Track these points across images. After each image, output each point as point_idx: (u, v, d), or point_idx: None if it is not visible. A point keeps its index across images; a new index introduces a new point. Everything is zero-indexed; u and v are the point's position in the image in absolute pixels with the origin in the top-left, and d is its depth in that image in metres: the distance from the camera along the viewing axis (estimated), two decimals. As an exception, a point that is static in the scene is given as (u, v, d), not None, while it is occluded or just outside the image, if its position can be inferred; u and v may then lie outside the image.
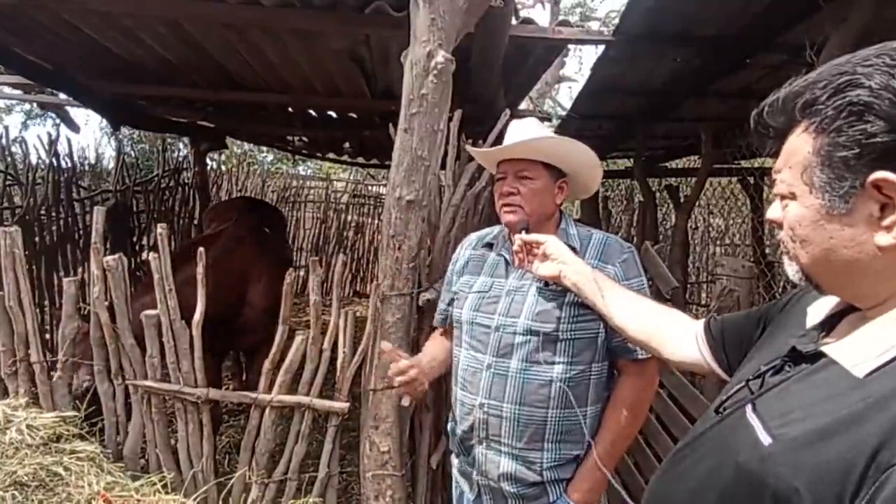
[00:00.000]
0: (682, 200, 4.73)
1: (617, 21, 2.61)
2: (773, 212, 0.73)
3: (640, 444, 2.22)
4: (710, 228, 6.86)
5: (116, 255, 1.80)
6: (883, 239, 0.60)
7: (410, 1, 1.69)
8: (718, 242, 6.70)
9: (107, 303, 1.89)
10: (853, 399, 0.58)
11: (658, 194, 5.36)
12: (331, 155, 6.22)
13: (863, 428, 0.55)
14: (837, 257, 0.64)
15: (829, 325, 0.76)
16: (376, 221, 7.47)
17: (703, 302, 5.67)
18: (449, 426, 1.57)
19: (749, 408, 0.71)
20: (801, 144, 0.65)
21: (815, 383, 0.66)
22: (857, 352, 0.64)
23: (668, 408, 2.14)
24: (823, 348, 0.69)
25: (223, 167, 8.35)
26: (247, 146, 10.91)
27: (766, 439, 0.64)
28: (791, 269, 0.72)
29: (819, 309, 0.80)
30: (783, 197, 0.69)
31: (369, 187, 9.11)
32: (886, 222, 0.60)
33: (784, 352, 0.75)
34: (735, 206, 5.97)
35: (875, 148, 0.58)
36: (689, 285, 5.62)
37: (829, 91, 0.61)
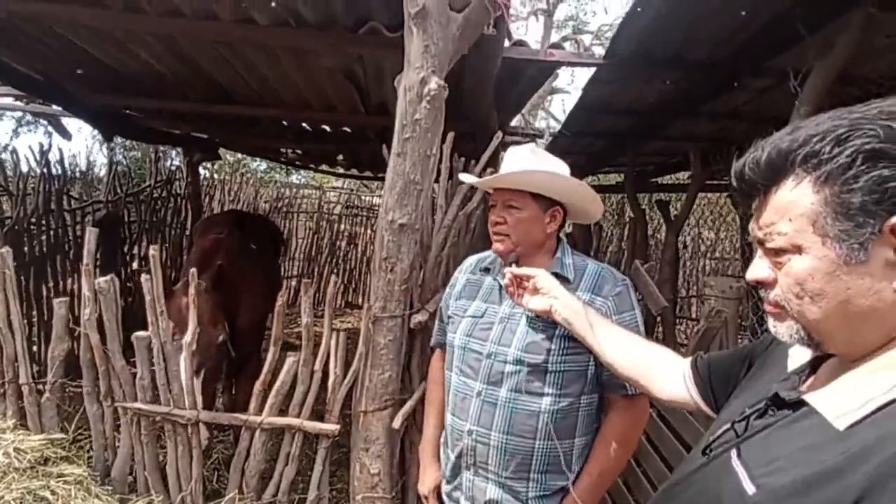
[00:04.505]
0: (672, 216, 4.78)
1: (609, 35, 2.65)
2: (759, 271, 0.71)
3: (631, 466, 2.23)
4: (701, 240, 6.92)
5: (108, 277, 1.79)
6: None
7: (405, 26, 1.71)
8: (709, 256, 6.77)
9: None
10: (835, 452, 0.59)
11: (649, 209, 5.41)
12: (324, 166, 6.23)
13: (844, 480, 0.56)
14: (855, 308, 0.63)
15: (810, 369, 0.77)
16: (369, 232, 7.47)
17: (694, 316, 5.72)
18: (440, 449, 1.58)
19: (734, 453, 0.72)
20: (798, 196, 0.65)
21: (798, 432, 0.67)
22: (837, 402, 0.65)
23: (659, 430, 2.15)
24: (805, 396, 0.70)
25: (216, 176, 8.33)
26: (240, 155, 10.88)
27: (750, 489, 0.65)
28: (786, 330, 0.70)
29: (800, 351, 0.82)
30: (783, 251, 0.67)
31: (363, 197, 9.11)
32: None
33: (767, 395, 0.76)
34: (725, 221, 6.04)
35: (892, 193, 0.59)
36: (679, 299, 5.67)
37: (832, 142, 0.62)
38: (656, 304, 2.55)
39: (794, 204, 0.65)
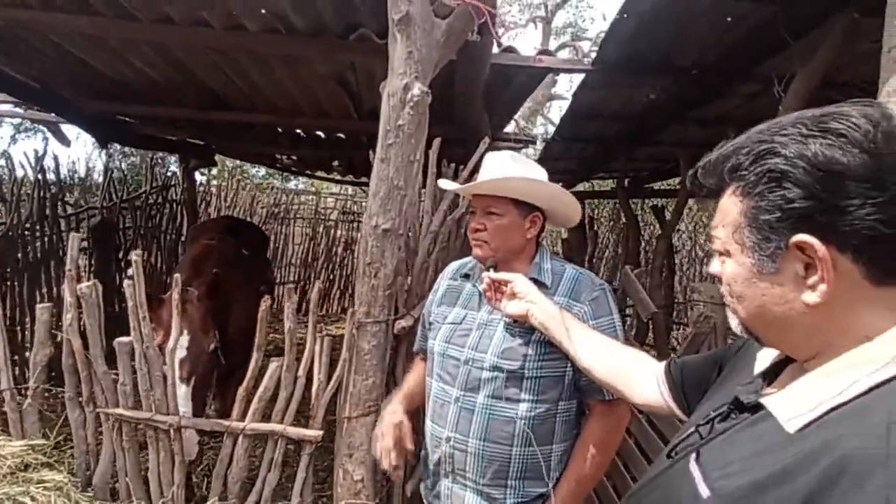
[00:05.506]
0: (667, 221, 4.78)
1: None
2: (714, 267, 0.75)
3: (618, 468, 2.21)
4: (698, 246, 6.90)
5: (91, 282, 1.79)
6: (810, 297, 0.63)
7: (389, 33, 1.72)
8: (705, 261, 6.75)
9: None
10: (785, 455, 0.60)
11: (643, 215, 5.41)
12: (320, 172, 6.25)
13: (793, 484, 0.56)
14: (770, 313, 0.66)
15: (773, 373, 0.77)
16: (366, 238, 7.44)
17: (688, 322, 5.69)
18: (421, 455, 1.57)
19: (693, 457, 0.72)
20: (730, 206, 0.68)
21: (753, 435, 0.67)
22: (790, 405, 0.65)
23: (646, 433, 2.14)
24: (762, 399, 0.70)
25: (213, 181, 8.34)
26: (238, 161, 10.91)
27: (704, 492, 0.65)
28: (733, 322, 0.75)
29: (766, 355, 0.82)
30: (720, 253, 0.72)
31: (362, 203, 9.11)
32: (811, 281, 0.62)
33: (731, 398, 0.76)
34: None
35: (794, 213, 0.61)
36: (675, 304, 5.65)
37: (751, 158, 0.64)
38: (646, 309, 2.54)
39: (727, 211, 0.69)
